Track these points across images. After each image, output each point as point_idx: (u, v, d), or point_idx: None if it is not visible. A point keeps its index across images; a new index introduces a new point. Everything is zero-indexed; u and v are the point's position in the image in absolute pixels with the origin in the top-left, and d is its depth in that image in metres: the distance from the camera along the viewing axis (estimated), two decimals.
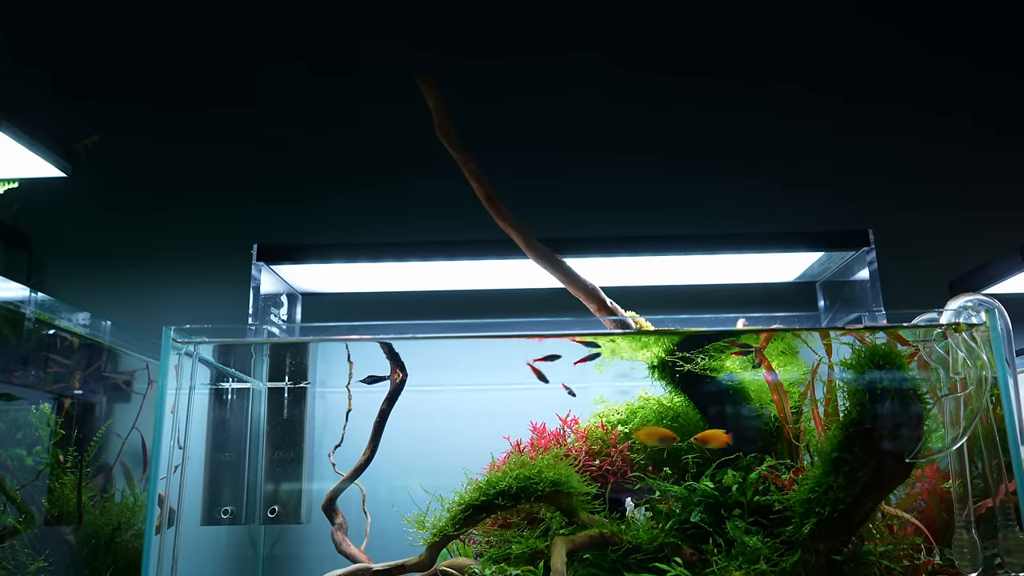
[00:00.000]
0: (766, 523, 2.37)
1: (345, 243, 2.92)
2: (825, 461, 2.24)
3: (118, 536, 2.92)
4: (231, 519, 2.97)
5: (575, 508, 2.48)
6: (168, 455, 2.40)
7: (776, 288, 3.35)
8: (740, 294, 3.38)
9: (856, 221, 2.97)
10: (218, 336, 2.61)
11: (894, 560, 2.38)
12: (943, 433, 2.34)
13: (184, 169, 3.71)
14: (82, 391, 2.90)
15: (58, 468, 2.74)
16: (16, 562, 2.55)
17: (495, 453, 2.78)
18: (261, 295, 2.94)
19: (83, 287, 3.55)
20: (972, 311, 2.32)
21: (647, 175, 3.64)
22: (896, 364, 2.22)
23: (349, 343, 2.89)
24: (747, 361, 2.68)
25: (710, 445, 2.57)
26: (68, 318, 2.83)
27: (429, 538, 2.44)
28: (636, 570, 2.37)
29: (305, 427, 3.08)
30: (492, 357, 2.98)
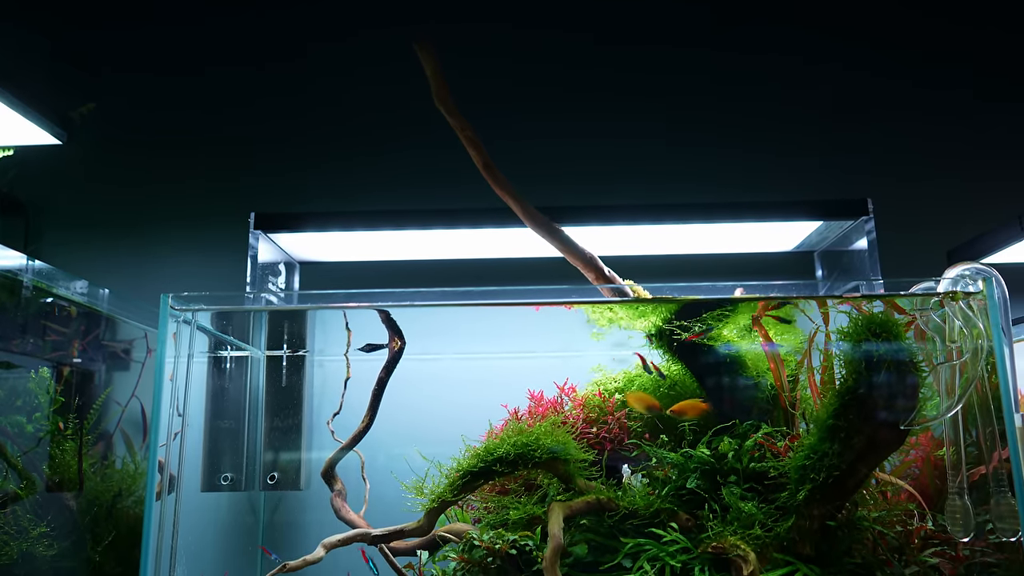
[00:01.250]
0: (761, 489, 2.40)
1: (343, 211, 2.91)
2: (821, 428, 2.26)
3: (119, 502, 2.94)
4: (231, 485, 3.00)
5: (572, 475, 2.50)
6: (167, 423, 2.42)
7: (774, 258, 3.35)
8: (738, 264, 3.38)
9: (855, 191, 2.96)
10: (216, 303, 2.61)
11: (887, 526, 2.41)
12: (938, 401, 2.35)
13: (181, 137, 3.68)
14: (81, 359, 2.91)
15: (58, 435, 2.75)
16: (18, 527, 2.58)
17: (493, 421, 2.80)
18: (259, 264, 2.93)
19: (80, 256, 3.55)
20: (969, 280, 2.32)
21: (646, 144, 3.62)
22: (893, 333, 2.23)
23: (347, 311, 2.89)
24: (744, 329, 2.69)
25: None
26: (66, 286, 2.83)
27: (428, 504, 2.46)
28: (633, 535, 2.39)
29: (304, 395, 3.09)
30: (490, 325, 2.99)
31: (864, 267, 2.88)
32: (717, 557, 2.25)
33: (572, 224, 2.76)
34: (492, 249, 3.20)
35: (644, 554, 2.32)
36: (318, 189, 3.61)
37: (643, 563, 2.29)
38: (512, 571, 2.49)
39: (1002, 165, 3.59)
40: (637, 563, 2.31)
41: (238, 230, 2.96)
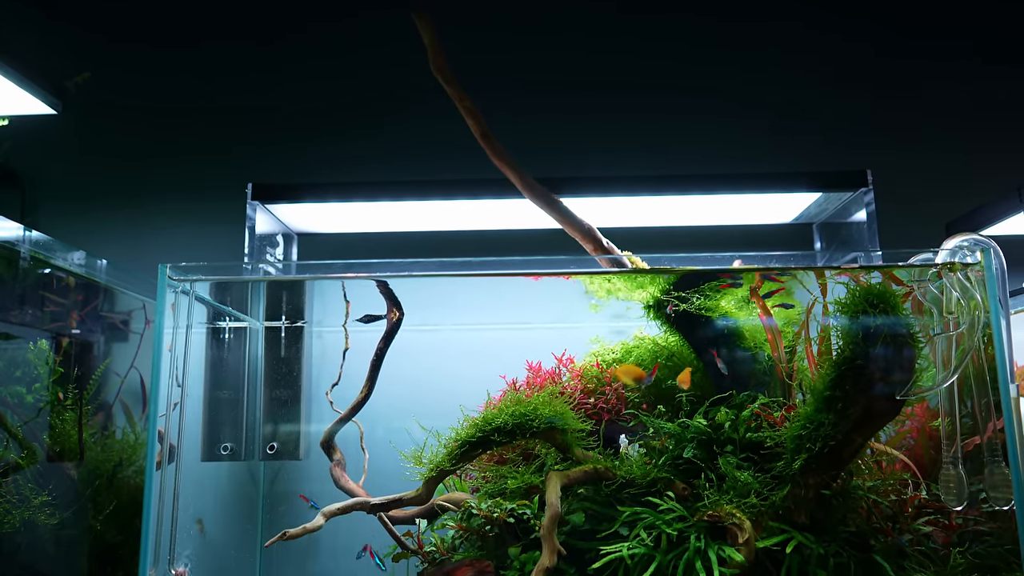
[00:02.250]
0: (757, 459, 2.41)
1: (341, 182, 2.90)
2: (817, 398, 2.27)
3: (120, 472, 2.96)
4: (231, 455, 3.02)
5: (570, 444, 2.52)
6: (167, 393, 2.42)
7: (773, 229, 3.35)
8: (737, 235, 3.37)
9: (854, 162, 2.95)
10: (214, 274, 2.61)
11: (881, 495, 2.43)
12: (934, 372, 2.36)
13: (178, 107, 3.66)
14: (79, 330, 2.91)
15: (58, 406, 2.76)
16: (20, 496, 2.59)
17: (491, 392, 2.81)
18: (256, 235, 2.93)
19: (76, 227, 3.54)
20: (968, 251, 2.32)
21: (644, 115, 3.59)
22: (890, 304, 2.23)
23: (345, 282, 2.89)
24: (741, 300, 2.70)
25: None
26: (63, 257, 2.82)
27: (426, 473, 2.48)
28: (629, 504, 2.41)
29: (302, 366, 3.10)
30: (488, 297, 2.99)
31: (863, 239, 2.88)
32: (713, 525, 2.28)
33: (570, 195, 2.75)
34: (490, 221, 3.19)
35: (641, 522, 2.34)
36: (316, 160, 3.59)
37: (640, 531, 2.32)
38: (510, 539, 2.51)
39: (1002, 137, 3.57)
40: (634, 531, 2.33)
41: (235, 201, 2.95)
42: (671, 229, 3.33)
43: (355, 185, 2.90)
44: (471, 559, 2.46)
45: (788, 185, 2.89)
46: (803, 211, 3.14)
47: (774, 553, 2.24)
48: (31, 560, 2.63)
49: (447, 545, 2.56)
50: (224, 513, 3.07)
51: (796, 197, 3.00)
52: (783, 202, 3.06)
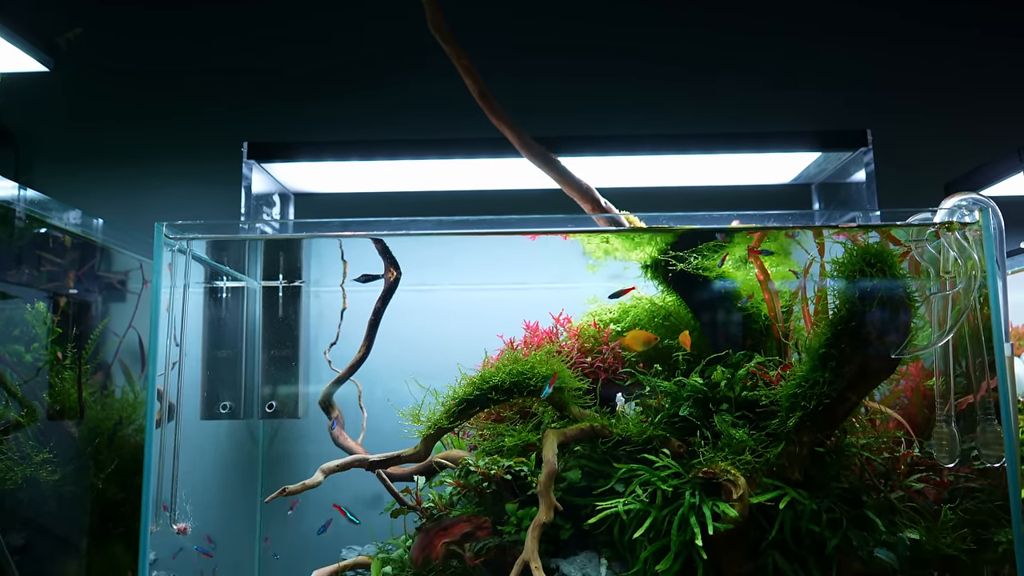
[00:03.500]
0: (752, 417, 2.44)
1: (337, 141, 2.88)
2: (812, 357, 2.28)
3: (120, 431, 2.98)
4: (230, 414, 3.04)
5: (567, 402, 2.53)
6: (165, 352, 2.43)
7: (772, 190, 3.34)
8: (736, 196, 3.36)
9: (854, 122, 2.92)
10: (211, 232, 2.60)
11: (875, 452, 2.46)
12: (929, 332, 2.38)
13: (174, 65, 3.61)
14: (77, 290, 2.91)
15: (57, 365, 2.77)
16: (21, 453, 2.61)
17: (489, 351, 2.82)
18: (253, 195, 2.91)
19: (71, 186, 3.51)
20: (966, 210, 2.32)
21: (643, 73, 3.56)
22: (887, 263, 2.23)
23: (342, 242, 2.88)
24: (739, 260, 2.70)
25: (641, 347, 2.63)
26: (59, 216, 2.81)
27: (424, 430, 2.50)
28: (625, 461, 2.44)
29: (300, 325, 3.11)
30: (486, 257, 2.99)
31: (862, 200, 2.87)
32: (708, 482, 2.30)
33: (568, 155, 2.73)
34: (488, 180, 3.18)
35: (636, 479, 2.37)
36: (312, 119, 3.56)
37: (635, 487, 2.35)
38: (507, 496, 2.54)
39: (1003, 97, 3.54)
40: (629, 487, 2.36)
41: (231, 162, 2.93)
42: (669, 189, 3.32)
43: (352, 144, 2.88)
44: (469, 515, 2.49)
45: (787, 144, 2.87)
46: (802, 171, 3.12)
47: (767, 509, 2.27)
48: (34, 516, 2.66)
49: (445, 501, 2.59)
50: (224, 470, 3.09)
51: (795, 157, 2.98)
52: (782, 162, 3.05)
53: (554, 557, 2.46)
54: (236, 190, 2.90)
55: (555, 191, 2.65)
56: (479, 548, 2.45)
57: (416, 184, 3.25)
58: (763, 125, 3.44)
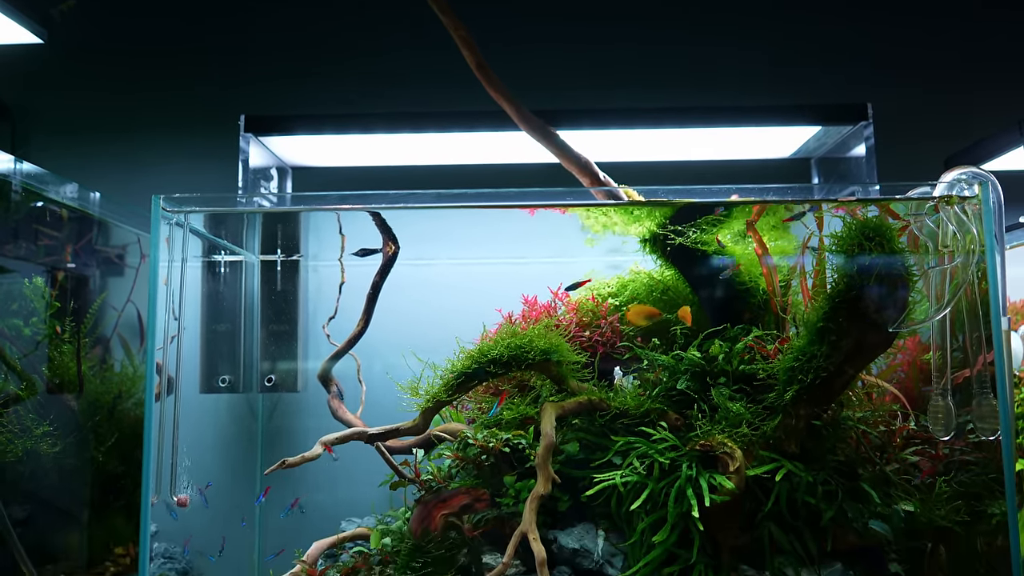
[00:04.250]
0: (750, 390, 2.45)
1: (335, 114, 2.86)
2: (810, 331, 2.29)
3: (120, 404, 3.00)
4: (229, 387, 3.05)
5: (565, 376, 2.54)
6: (164, 326, 2.43)
7: (771, 164, 3.33)
8: (735, 170, 3.35)
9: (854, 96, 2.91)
10: (208, 205, 2.59)
11: (871, 426, 2.47)
12: (927, 306, 2.38)
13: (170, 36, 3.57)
14: (74, 264, 2.91)
15: (56, 339, 2.77)
16: (22, 426, 2.63)
17: (487, 325, 2.82)
18: (250, 169, 2.90)
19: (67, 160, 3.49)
20: (965, 184, 2.31)
21: (642, 47, 3.52)
22: (886, 237, 2.23)
23: (340, 216, 2.87)
24: (737, 235, 2.69)
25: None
26: (56, 190, 2.80)
27: (423, 404, 2.51)
28: (623, 434, 2.45)
29: (299, 299, 3.11)
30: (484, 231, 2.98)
31: (861, 174, 2.87)
32: (705, 454, 2.32)
33: (567, 128, 2.71)
34: (487, 154, 3.16)
35: (634, 451, 2.39)
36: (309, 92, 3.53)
37: (633, 460, 2.36)
38: (505, 468, 2.56)
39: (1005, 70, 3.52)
40: (627, 460, 2.38)
41: (229, 135, 2.92)
42: (668, 164, 3.30)
43: (350, 117, 2.87)
44: (467, 487, 2.51)
45: (788, 118, 2.86)
46: (801, 145, 3.11)
47: (764, 481, 2.29)
48: (35, 489, 2.68)
49: (444, 474, 2.61)
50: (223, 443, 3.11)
51: (795, 131, 2.97)
52: (782, 136, 3.03)
53: (552, 529, 2.48)
54: (234, 164, 2.88)
55: (554, 165, 2.64)
56: (477, 520, 2.47)
57: (414, 158, 3.24)
58: (763, 99, 3.42)
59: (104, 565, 2.85)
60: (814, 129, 2.94)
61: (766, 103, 2.92)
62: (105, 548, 2.90)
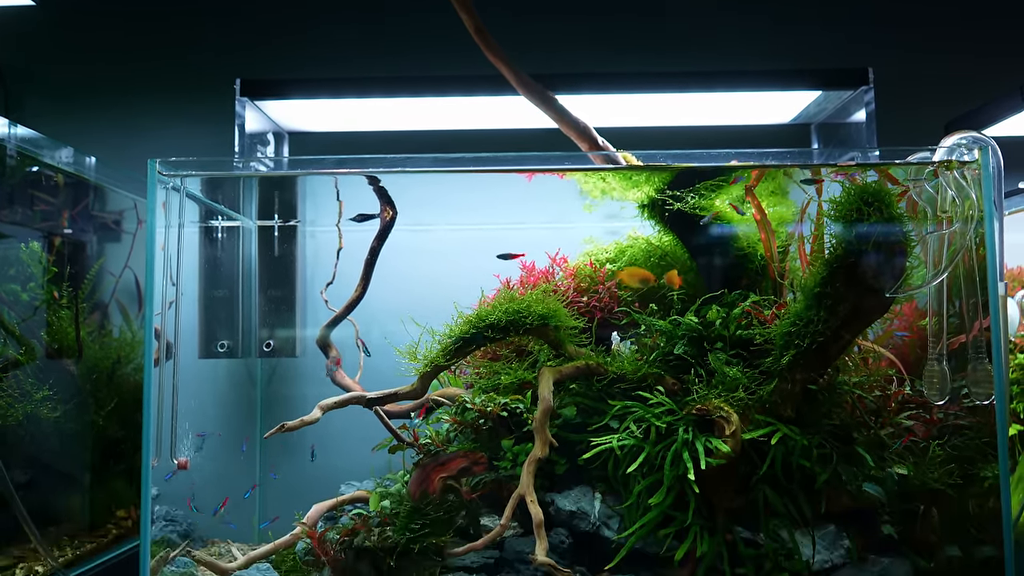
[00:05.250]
0: (747, 355, 2.46)
1: (331, 77, 2.84)
2: (807, 296, 2.29)
3: (119, 369, 3.01)
4: (228, 353, 3.06)
5: (562, 341, 2.55)
6: (162, 291, 2.43)
7: (771, 130, 3.31)
8: (735, 135, 3.33)
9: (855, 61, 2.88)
10: (204, 169, 2.57)
11: (866, 390, 2.49)
12: (924, 272, 2.38)
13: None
14: (71, 230, 2.90)
15: (54, 304, 2.78)
16: (22, 390, 2.64)
17: (485, 290, 2.82)
18: (247, 134, 2.88)
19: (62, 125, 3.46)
20: (965, 149, 2.30)
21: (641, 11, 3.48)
22: (884, 202, 2.22)
23: (338, 181, 2.86)
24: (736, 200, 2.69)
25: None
26: (51, 155, 2.78)
27: (421, 368, 2.52)
28: (620, 398, 2.47)
29: (296, 265, 3.11)
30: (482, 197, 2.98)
31: (861, 140, 2.85)
32: (701, 418, 2.34)
33: (566, 92, 2.69)
34: (485, 120, 3.14)
35: (631, 416, 2.40)
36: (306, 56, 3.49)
37: (629, 424, 2.38)
38: (503, 432, 2.58)
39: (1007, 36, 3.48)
40: (624, 424, 2.39)
41: (225, 99, 2.89)
42: (667, 129, 3.28)
43: (347, 81, 2.84)
44: (466, 451, 2.53)
45: (788, 83, 2.84)
46: (801, 111, 3.09)
47: (759, 445, 2.31)
48: (36, 453, 2.70)
49: (442, 438, 2.63)
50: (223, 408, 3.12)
51: (795, 96, 2.95)
52: (782, 101, 3.01)
53: (549, 491, 2.51)
54: (230, 129, 2.86)
55: (552, 130, 2.62)
56: (476, 483, 2.50)
57: (412, 123, 3.22)
58: (762, 63, 3.39)
59: (106, 527, 2.89)
60: (814, 94, 2.92)
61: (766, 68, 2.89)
62: (107, 511, 2.93)
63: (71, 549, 2.69)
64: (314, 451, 2.79)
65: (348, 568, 2.41)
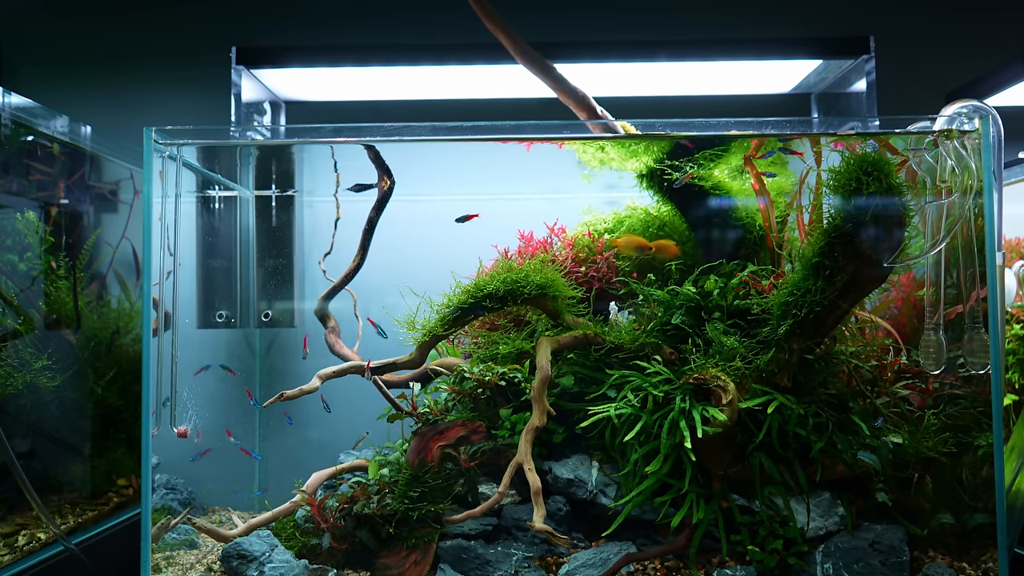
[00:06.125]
0: (744, 325, 2.46)
1: (328, 45, 2.81)
2: (805, 265, 2.29)
3: (118, 339, 3.01)
4: (226, 323, 3.06)
5: (560, 311, 2.55)
6: (159, 261, 2.43)
7: (771, 100, 3.28)
8: (734, 105, 3.31)
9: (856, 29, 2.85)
10: (201, 138, 2.56)
11: (863, 360, 2.50)
12: (923, 242, 2.38)
13: None
14: (67, 200, 2.88)
15: (52, 274, 2.77)
16: (21, 360, 2.64)
17: (483, 260, 2.82)
18: (243, 103, 2.86)
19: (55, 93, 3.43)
20: (966, 118, 2.29)
21: None
22: (884, 172, 2.21)
23: (335, 151, 2.84)
24: (735, 170, 2.68)
25: (663, 255, 2.64)
26: (46, 124, 2.76)
27: (419, 338, 2.52)
28: (618, 368, 2.48)
29: (294, 235, 3.10)
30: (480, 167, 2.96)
31: (862, 110, 2.83)
32: (698, 388, 2.35)
33: (565, 61, 2.67)
34: (483, 88, 3.11)
35: (628, 385, 2.42)
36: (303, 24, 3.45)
37: (627, 393, 2.39)
38: (501, 401, 2.59)
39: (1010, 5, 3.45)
40: (621, 393, 2.40)
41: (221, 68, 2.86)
42: (667, 99, 3.26)
43: (344, 49, 2.81)
44: (464, 420, 2.54)
45: (788, 51, 2.81)
46: (802, 80, 3.07)
47: (756, 413, 2.32)
48: (37, 422, 2.71)
49: (440, 407, 2.64)
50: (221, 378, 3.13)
51: (795, 65, 2.92)
52: (782, 70, 2.99)
53: (547, 460, 2.53)
54: (226, 99, 2.84)
55: (551, 100, 2.61)
56: (474, 451, 2.51)
57: (409, 92, 3.19)
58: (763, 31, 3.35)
59: (107, 495, 2.91)
60: (815, 63, 2.89)
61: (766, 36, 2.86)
62: (108, 479, 2.95)
63: (72, 516, 2.71)
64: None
65: (347, 535, 2.43)
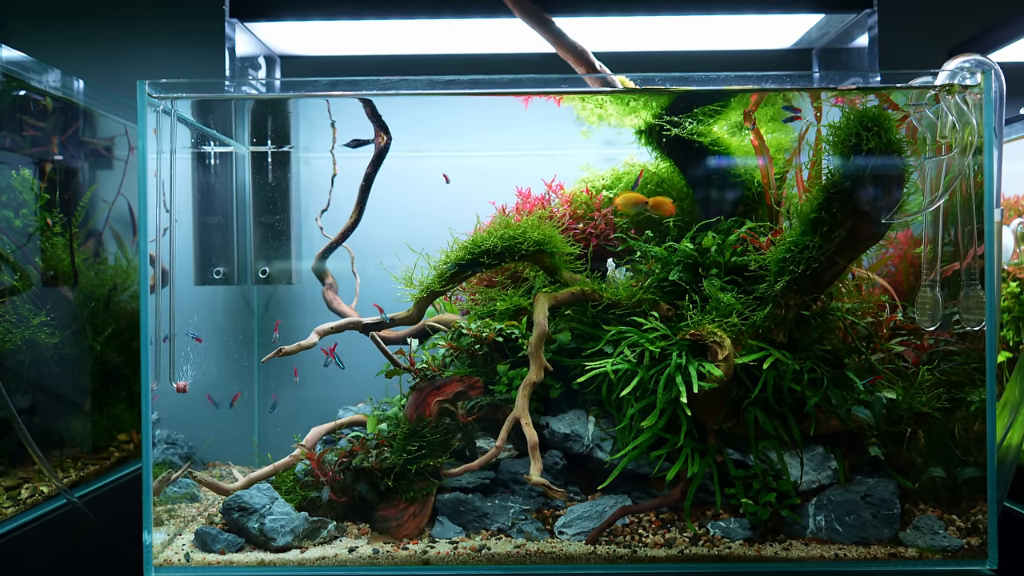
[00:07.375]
0: (741, 282, 2.47)
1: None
2: (803, 221, 2.29)
3: (115, 296, 3.02)
4: (223, 279, 3.06)
5: (558, 267, 2.56)
6: (155, 218, 2.42)
7: (772, 55, 3.24)
8: (735, 60, 3.27)
9: None
10: (195, 91, 2.53)
11: (859, 317, 2.51)
12: (921, 198, 2.38)
13: None
14: (62, 156, 2.86)
15: (47, 231, 2.76)
16: (18, 316, 2.65)
17: (481, 216, 2.81)
18: (237, 57, 2.82)
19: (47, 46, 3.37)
20: (968, 72, 2.27)
21: None
22: (884, 127, 2.20)
23: (331, 106, 2.81)
24: (734, 126, 2.66)
25: (660, 212, 2.63)
26: (38, 78, 2.73)
27: (417, 294, 2.53)
28: (615, 323, 2.49)
29: (291, 191, 3.09)
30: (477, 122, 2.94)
31: (863, 66, 2.81)
32: (695, 343, 2.36)
33: (563, 15, 2.63)
34: (480, 43, 3.07)
35: (625, 341, 2.43)
36: None
37: (624, 349, 2.41)
38: (498, 357, 2.61)
39: None
40: (618, 349, 2.42)
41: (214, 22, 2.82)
42: (666, 54, 3.22)
43: (339, 2, 2.77)
44: (461, 375, 2.56)
45: (789, 5, 2.77)
46: (803, 35, 3.03)
47: (751, 369, 2.34)
48: (37, 378, 2.73)
49: (438, 363, 2.66)
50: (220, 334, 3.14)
51: (797, 19, 2.88)
52: (783, 24, 2.94)
53: (544, 415, 2.55)
54: (219, 51, 2.80)
55: (549, 55, 2.58)
56: (471, 406, 2.54)
57: (406, 47, 3.15)
58: None
59: (108, 450, 2.94)
60: (816, 17, 2.85)
61: None
62: (108, 434, 2.98)
63: (75, 471, 2.74)
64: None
65: (346, 488, 2.46)
